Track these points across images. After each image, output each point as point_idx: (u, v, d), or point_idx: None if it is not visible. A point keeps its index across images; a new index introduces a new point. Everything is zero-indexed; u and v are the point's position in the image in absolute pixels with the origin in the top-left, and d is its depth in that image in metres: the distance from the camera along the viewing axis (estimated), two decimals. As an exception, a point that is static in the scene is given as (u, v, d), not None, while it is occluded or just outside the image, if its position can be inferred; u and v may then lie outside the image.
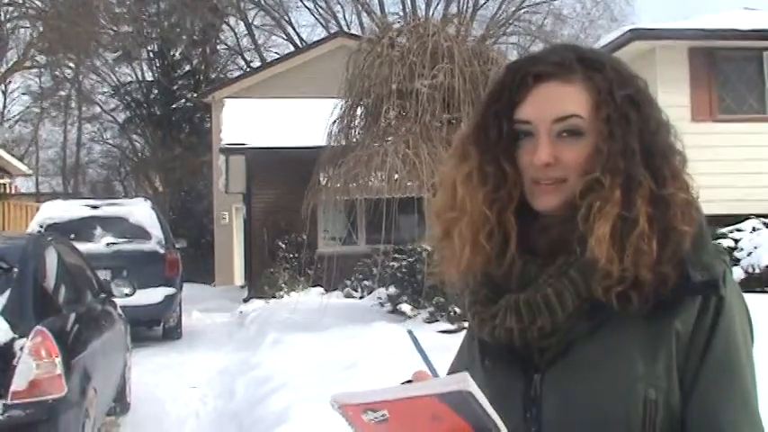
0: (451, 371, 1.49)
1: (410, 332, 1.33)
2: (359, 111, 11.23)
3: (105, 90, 36.61)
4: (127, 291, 7.22)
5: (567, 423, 1.24)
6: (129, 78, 35.36)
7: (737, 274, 11.34)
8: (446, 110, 10.39)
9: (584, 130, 1.29)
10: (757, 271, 10.93)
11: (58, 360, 4.66)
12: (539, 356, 1.29)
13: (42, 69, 31.94)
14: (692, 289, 1.22)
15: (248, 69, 30.79)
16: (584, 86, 1.29)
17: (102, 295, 7.05)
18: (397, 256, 11.83)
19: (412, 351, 1.32)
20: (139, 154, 37.04)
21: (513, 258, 1.34)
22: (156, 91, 33.99)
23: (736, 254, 11.55)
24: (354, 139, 11.16)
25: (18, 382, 4.48)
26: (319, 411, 5.89)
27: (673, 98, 13.13)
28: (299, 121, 15.28)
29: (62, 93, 37.49)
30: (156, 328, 12.08)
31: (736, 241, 11.69)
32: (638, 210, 1.23)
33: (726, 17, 14.10)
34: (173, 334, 12.20)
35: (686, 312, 1.22)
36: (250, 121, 16.57)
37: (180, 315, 12.41)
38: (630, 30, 13.66)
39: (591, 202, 1.25)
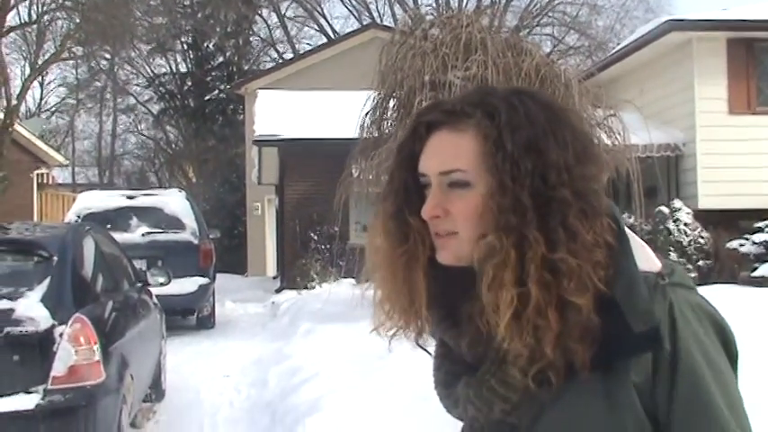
0: None
1: None
2: (392, 103, 11.21)
3: (140, 82, 36.97)
4: (162, 280, 7.30)
5: None
6: (163, 70, 35.67)
7: (774, 268, 11.21)
8: (479, 102, 10.36)
9: (470, 181, 1.22)
10: (795, 266, 10.81)
11: (97, 347, 4.75)
12: (517, 420, 1.25)
13: (78, 61, 32.28)
14: (636, 344, 1.15)
15: (281, 61, 30.91)
16: (474, 133, 1.22)
17: (139, 284, 7.15)
18: (428, 248, 11.82)
19: None
20: (173, 145, 37.33)
21: (423, 322, 1.31)
22: (189, 82, 34.23)
23: (774, 248, 11.42)
24: (387, 131, 11.15)
25: (58, 368, 4.57)
26: (351, 401, 5.94)
27: (710, 90, 13.01)
28: (332, 112, 15.31)
29: (98, 84, 37.93)
30: (189, 317, 12.21)
31: (774, 236, 11.56)
32: (531, 278, 1.14)
33: (765, 7, 13.90)
34: (206, 323, 12.32)
35: (641, 364, 1.16)
36: (283, 113, 16.63)
37: (213, 305, 12.53)
38: (667, 21, 13.53)
39: (487, 272, 1.17)
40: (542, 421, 1.21)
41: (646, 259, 1.22)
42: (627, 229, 1.24)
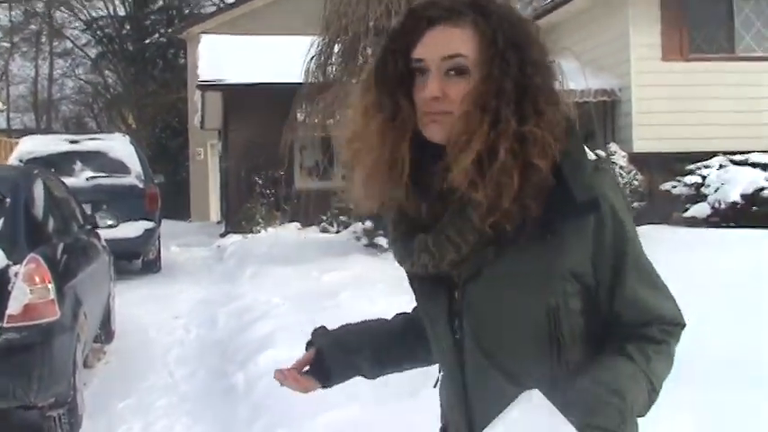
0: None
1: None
2: (336, 48, 11.30)
3: (77, 25, 36.09)
4: (110, 222, 7.39)
5: (483, 330, 1.48)
6: (100, 13, 34.86)
7: (704, 210, 11.68)
8: (422, 47, 10.48)
9: (468, 68, 1.44)
10: (723, 207, 11.24)
11: (51, 286, 4.85)
12: (456, 276, 1.49)
13: (12, 3, 31.39)
14: (576, 208, 1.40)
15: (222, 5, 30.44)
16: (471, 30, 1.44)
17: (87, 227, 7.22)
18: (373, 191, 12.04)
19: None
20: (112, 90, 36.69)
21: (407, 187, 1.50)
22: (128, 26, 33.58)
23: (704, 190, 11.85)
24: (332, 76, 11.26)
25: (13, 307, 4.67)
26: (301, 338, 6.15)
27: (644, 38, 13.33)
28: (276, 57, 15.27)
29: (33, 27, 36.90)
30: (135, 261, 12.25)
31: (704, 178, 11.98)
32: (500, 144, 1.38)
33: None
34: (152, 267, 12.38)
35: (582, 230, 1.41)
36: (226, 57, 16.52)
37: (159, 249, 12.59)
38: (604, -32, 13.72)
39: (460, 136, 1.41)
40: (479, 280, 1.46)
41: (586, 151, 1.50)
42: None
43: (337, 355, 1.75)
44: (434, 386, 1.71)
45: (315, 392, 5.18)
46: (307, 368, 1.75)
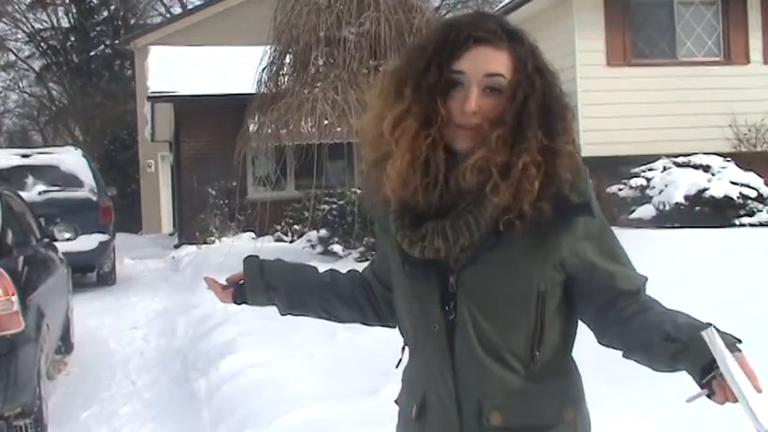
0: (374, 268, 1.95)
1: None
2: (287, 58, 11.42)
3: (20, 37, 35.60)
4: (68, 235, 7.42)
5: (479, 312, 1.64)
6: (44, 25, 34.45)
7: (649, 211, 12.02)
8: (373, 57, 10.67)
9: (503, 88, 1.59)
10: (667, 208, 11.57)
11: (15, 297, 4.90)
12: (453, 262, 1.64)
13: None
14: (572, 209, 1.61)
15: (169, 16, 30.34)
16: (508, 53, 1.61)
17: (45, 240, 7.24)
18: (327, 199, 12.19)
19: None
20: (57, 103, 36.25)
21: (442, 189, 1.63)
22: (73, 38, 33.22)
23: (648, 192, 12.19)
24: (284, 86, 11.37)
25: (-22, 319, 4.71)
26: (264, 341, 6.26)
27: (589, 44, 13.64)
28: (227, 68, 15.34)
29: (-26, 40, 36.27)
30: (89, 274, 12.22)
31: (648, 180, 12.31)
32: (525, 158, 1.56)
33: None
34: (107, 280, 12.37)
35: (573, 225, 1.62)
36: (178, 69, 16.52)
37: (114, 261, 12.57)
38: (549, -24, 14.01)
39: (486, 149, 1.58)
40: (477, 265, 1.63)
41: None
42: None
43: (257, 286, 1.99)
44: (396, 367, 1.87)
45: (277, 393, 5.23)
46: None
